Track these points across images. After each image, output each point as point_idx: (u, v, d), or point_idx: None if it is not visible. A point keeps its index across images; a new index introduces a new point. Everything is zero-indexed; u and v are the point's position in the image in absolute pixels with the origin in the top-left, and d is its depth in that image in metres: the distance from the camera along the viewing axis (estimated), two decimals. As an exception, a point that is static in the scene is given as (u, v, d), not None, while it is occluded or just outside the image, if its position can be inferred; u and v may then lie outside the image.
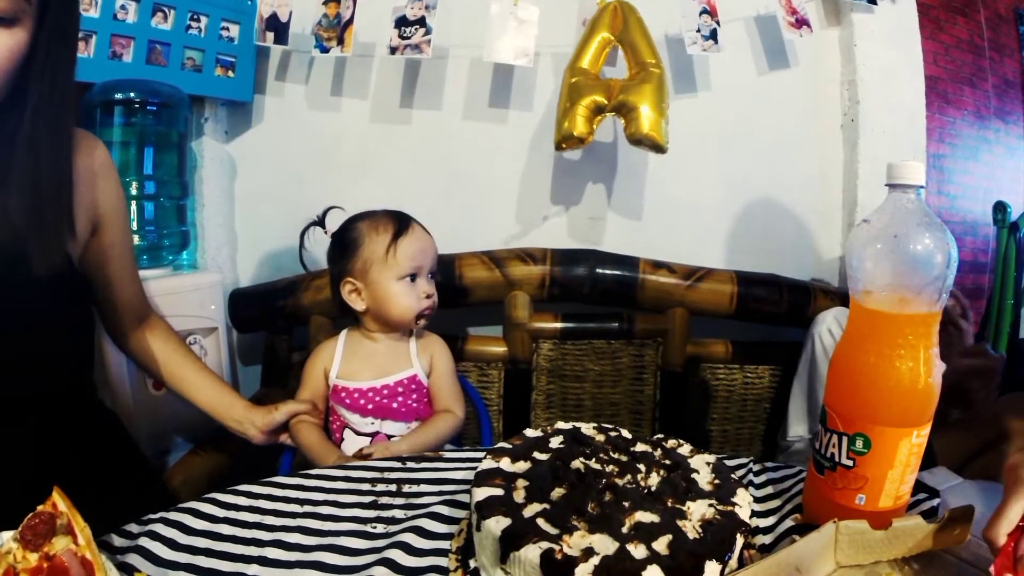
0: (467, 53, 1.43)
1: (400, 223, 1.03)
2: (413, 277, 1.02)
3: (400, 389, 1.02)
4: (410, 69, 1.45)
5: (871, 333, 0.56)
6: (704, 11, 1.33)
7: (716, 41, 1.33)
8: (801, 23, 1.37)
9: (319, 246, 1.09)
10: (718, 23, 1.34)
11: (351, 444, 1.00)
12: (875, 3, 1.40)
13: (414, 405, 1.03)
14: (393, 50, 1.32)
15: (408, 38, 1.31)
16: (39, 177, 0.67)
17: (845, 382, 0.58)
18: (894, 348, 0.55)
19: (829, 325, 1.18)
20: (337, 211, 1.09)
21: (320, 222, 1.08)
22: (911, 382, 0.54)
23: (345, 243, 1.04)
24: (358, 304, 1.03)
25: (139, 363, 0.95)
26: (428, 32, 1.31)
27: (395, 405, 1.02)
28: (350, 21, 1.32)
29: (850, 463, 0.56)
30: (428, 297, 1.03)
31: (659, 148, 1.24)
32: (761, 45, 1.46)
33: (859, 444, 0.56)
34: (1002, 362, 0.98)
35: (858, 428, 0.56)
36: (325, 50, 1.33)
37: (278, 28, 1.34)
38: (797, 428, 1.25)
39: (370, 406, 1.01)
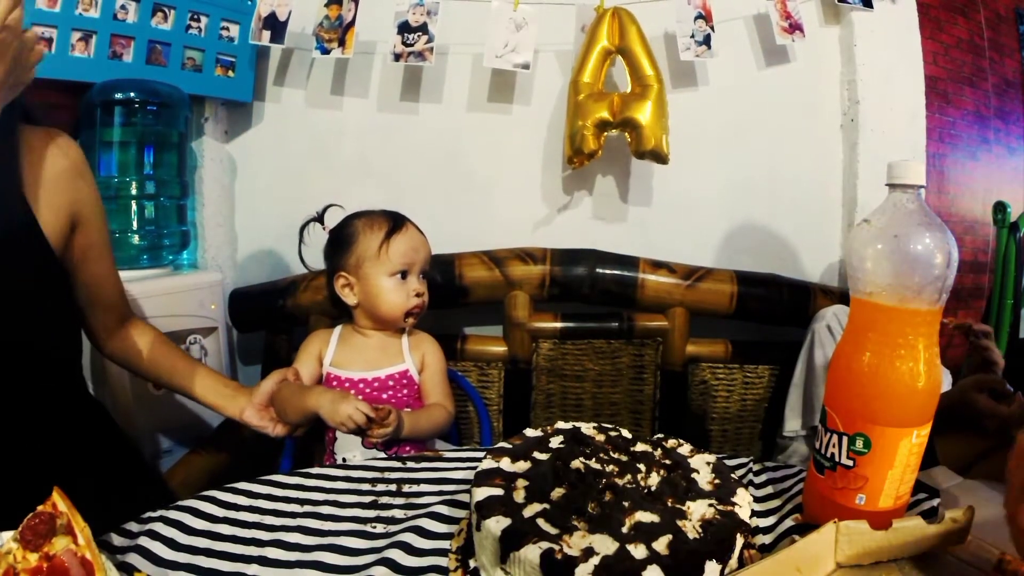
0: (467, 51, 1.43)
1: (395, 222, 1.05)
2: (404, 274, 1.03)
3: (391, 383, 1.03)
4: (410, 68, 1.45)
5: (871, 333, 0.56)
6: (699, 16, 1.34)
7: (709, 47, 1.34)
8: (794, 28, 1.37)
9: (318, 244, 1.10)
10: (712, 28, 1.34)
11: (344, 444, 1.00)
12: (871, 6, 1.39)
13: (404, 399, 1.04)
14: (397, 57, 1.33)
15: (411, 45, 1.32)
16: None
17: (845, 382, 0.58)
18: (894, 348, 0.55)
19: (829, 322, 1.18)
20: (336, 209, 1.10)
21: (319, 218, 1.09)
22: (911, 382, 0.54)
23: (341, 239, 1.05)
24: (350, 298, 1.05)
25: (124, 364, 0.94)
26: (431, 40, 1.32)
27: (385, 397, 1.02)
28: (352, 23, 1.32)
29: (850, 463, 0.56)
30: (418, 296, 1.04)
31: (662, 160, 1.32)
32: (761, 45, 1.46)
33: (859, 444, 0.56)
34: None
35: (858, 428, 0.56)
36: (326, 51, 1.33)
37: (275, 27, 1.33)
38: (792, 423, 1.25)
39: (360, 397, 1.01)
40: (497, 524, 0.51)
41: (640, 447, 0.65)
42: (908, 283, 0.54)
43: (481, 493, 0.55)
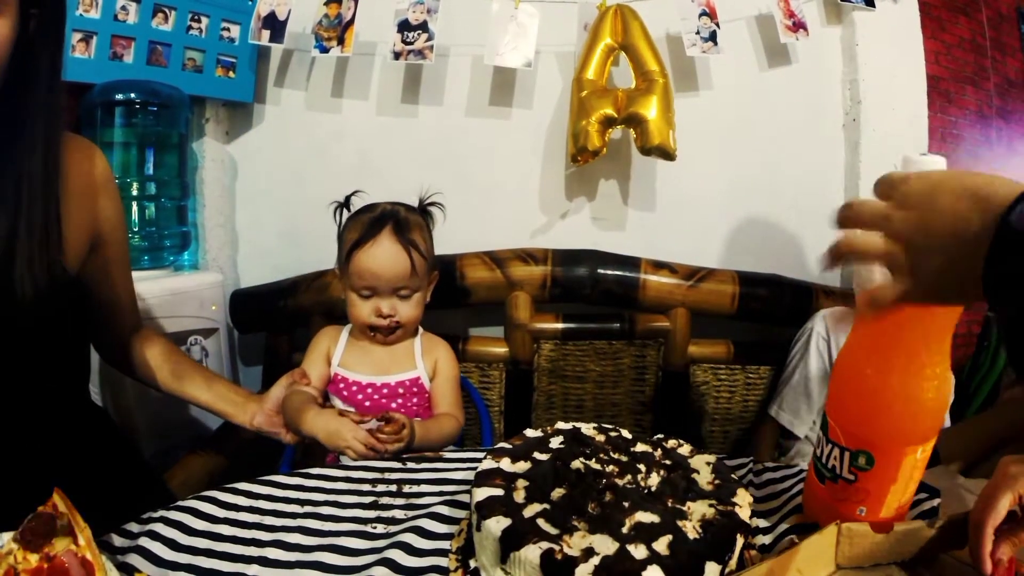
0: (468, 52, 1.43)
1: (366, 232, 0.97)
2: (369, 293, 0.98)
3: (401, 390, 1.01)
4: (411, 69, 1.45)
5: (875, 341, 0.54)
6: (703, 13, 1.33)
7: (716, 43, 1.33)
8: (798, 26, 1.37)
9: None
10: (717, 25, 1.33)
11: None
12: (873, 6, 1.39)
13: (414, 408, 1.01)
14: (397, 55, 1.32)
15: (411, 43, 1.31)
16: (20, 187, 0.63)
17: (848, 397, 0.56)
18: (899, 359, 0.52)
19: (827, 323, 1.18)
20: (363, 195, 1.07)
21: (346, 203, 1.06)
22: (917, 400, 0.52)
23: (341, 233, 1.02)
24: (342, 294, 1.03)
25: (133, 375, 0.93)
26: (431, 38, 1.31)
27: (394, 405, 1.00)
28: (351, 22, 1.31)
29: (852, 478, 0.55)
30: (382, 317, 0.98)
31: (669, 156, 1.29)
32: (763, 45, 1.46)
33: (861, 461, 0.54)
34: None
35: (861, 445, 0.54)
36: (325, 50, 1.33)
37: (274, 27, 1.33)
38: (786, 418, 1.26)
39: (368, 403, 0.99)
40: (497, 524, 0.51)
41: (640, 447, 0.65)
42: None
43: (481, 493, 0.55)
